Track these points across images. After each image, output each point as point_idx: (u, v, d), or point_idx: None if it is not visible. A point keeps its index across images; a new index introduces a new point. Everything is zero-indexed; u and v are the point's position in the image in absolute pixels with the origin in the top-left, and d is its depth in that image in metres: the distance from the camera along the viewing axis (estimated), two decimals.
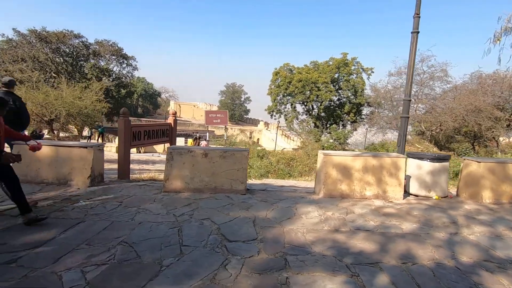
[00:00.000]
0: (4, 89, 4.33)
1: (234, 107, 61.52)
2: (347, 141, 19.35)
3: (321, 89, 19.99)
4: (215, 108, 67.77)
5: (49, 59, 24.58)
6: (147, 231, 2.90)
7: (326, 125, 22.73)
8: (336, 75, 20.81)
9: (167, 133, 6.38)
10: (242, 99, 65.37)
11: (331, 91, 20.06)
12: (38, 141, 3.64)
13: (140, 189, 4.57)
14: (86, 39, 26.80)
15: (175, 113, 6.54)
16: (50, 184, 4.47)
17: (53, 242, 2.57)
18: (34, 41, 23.82)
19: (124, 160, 5.31)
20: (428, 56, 17.69)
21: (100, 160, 4.83)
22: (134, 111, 49.21)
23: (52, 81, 20.52)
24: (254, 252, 2.54)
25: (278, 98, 23.09)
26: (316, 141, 19.79)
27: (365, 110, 22.80)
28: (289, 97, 24.35)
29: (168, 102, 68.69)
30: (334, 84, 21.09)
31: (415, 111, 18.23)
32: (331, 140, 19.16)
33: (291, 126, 22.96)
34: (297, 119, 23.93)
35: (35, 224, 2.86)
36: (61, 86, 10.83)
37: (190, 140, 24.71)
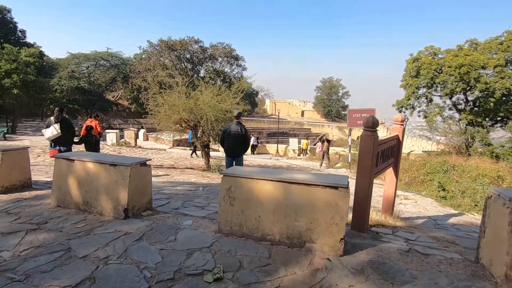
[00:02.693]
0: (235, 120, 5.73)
1: (330, 103, 57.71)
2: None
3: (493, 75, 14.87)
4: (309, 106, 65.08)
5: (174, 65, 26.67)
6: None
7: (487, 123, 17.17)
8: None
9: (393, 151, 4.18)
10: (340, 94, 60.71)
11: (508, 77, 14.66)
12: None
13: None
14: (203, 43, 28.10)
15: (403, 120, 4.27)
16: (278, 244, 2.79)
17: None
18: (163, 50, 26.17)
19: (365, 200, 3.29)
20: None
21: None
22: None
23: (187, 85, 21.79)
24: None
25: (420, 91, 18.74)
26: (485, 144, 14.87)
27: None
28: (425, 89, 19.61)
29: (264, 101, 69.67)
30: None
31: None
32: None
33: (434, 125, 18.26)
34: (441, 115, 18.99)
35: None
36: (200, 89, 10.06)
37: (304, 142, 22.76)
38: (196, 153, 14.81)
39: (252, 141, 22.57)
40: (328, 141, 14.79)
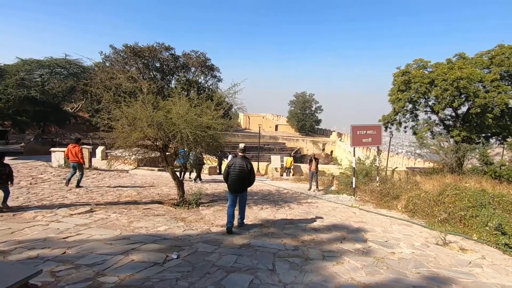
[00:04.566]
0: (240, 154, 5.69)
1: (304, 117, 57.66)
2: None
3: (491, 90, 14.08)
4: (283, 120, 64.51)
5: (141, 74, 23.79)
6: None
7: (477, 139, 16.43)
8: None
9: None
10: (313, 109, 60.90)
11: (505, 92, 13.95)
12: None
13: None
14: (174, 51, 25.61)
15: None
16: None
17: None
18: (128, 56, 23.25)
19: None
20: None
21: None
22: None
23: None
24: None
25: (410, 105, 17.72)
26: (485, 163, 13.82)
27: None
28: (414, 104, 18.74)
29: (237, 114, 68.01)
30: (509, 81, 14.88)
31: None
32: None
33: (424, 142, 17.20)
34: (432, 131, 18.07)
35: None
36: (173, 99, 7.70)
37: (288, 160, 20.79)
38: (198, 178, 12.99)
39: (229, 159, 20.22)
40: (317, 160, 12.93)
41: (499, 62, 14.74)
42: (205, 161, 14.73)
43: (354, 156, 9.98)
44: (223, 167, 20.69)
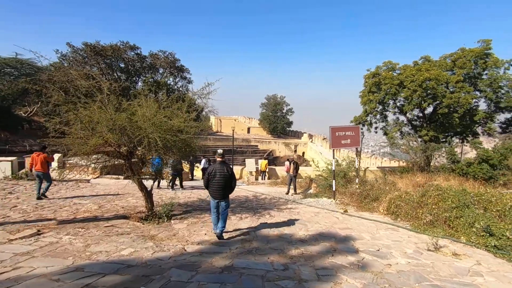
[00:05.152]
0: (219, 159, 5.56)
1: (276, 119, 58.08)
2: None
3: (456, 91, 14.67)
4: (255, 122, 64.46)
5: (103, 75, 22.04)
6: None
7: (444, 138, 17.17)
8: (475, 71, 15.37)
9: None
10: (284, 111, 61.56)
11: (468, 92, 14.63)
12: None
13: None
14: (141, 50, 24.07)
15: None
16: None
17: None
18: (88, 56, 21.41)
19: None
20: None
21: None
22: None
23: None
24: None
25: (380, 106, 18.06)
26: (453, 161, 14.32)
27: (503, 117, 17.00)
28: (384, 105, 19.23)
29: (209, 117, 66.69)
30: (469, 83, 15.66)
31: None
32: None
33: (395, 142, 17.64)
34: (401, 131, 18.61)
35: None
36: (139, 100, 6.86)
37: (263, 163, 20.30)
38: (173, 184, 12.35)
39: (203, 163, 19.30)
40: (296, 163, 12.57)
41: (461, 65, 15.50)
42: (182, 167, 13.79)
43: (333, 158, 9.69)
44: (197, 172, 19.71)
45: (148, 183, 7.26)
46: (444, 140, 16.84)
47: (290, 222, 6.94)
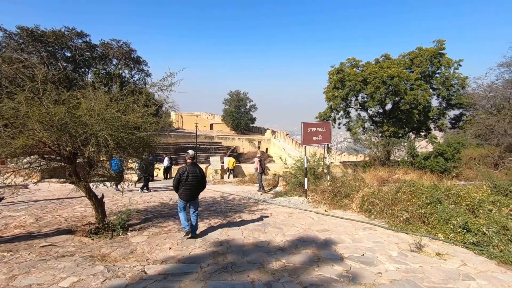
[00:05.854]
0: (189, 161, 5.42)
1: (239, 115, 57.56)
2: None
3: (415, 88, 15.32)
4: (218, 119, 63.25)
5: (44, 64, 19.34)
6: None
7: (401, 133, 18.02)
8: (430, 70, 16.22)
9: None
10: (248, 107, 61.25)
11: (425, 90, 15.39)
12: None
13: None
14: (90, 38, 21.62)
15: None
16: None
17: None
18: (25, 42, 18.59)
19: None
20: None
21: None
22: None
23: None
24: None
25: (344, 103, 18.30)
26: (412, 156, 14.95)
27: (452, 114, 18.30)
28: (348, 102, 19.63)
29: (169, 113, 63.83)
30: (425, 81, 16.48)
31: None
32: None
33: (358, 137, 18.09)
34: (364, 127, 19.14)
35: None
36: (87, 92, 5.78)
37: (230, 160, 19.57)
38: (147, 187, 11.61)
39: (165, 162, 17.99)
40: (261, 160, 12.19)
41: (418, 63, 16.28)
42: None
43: (305, 155, 9.34)
44: (159, 172, 18.31)
45: (99, 188, 6.15)
46: (401, 135, 17.66)
47: (264, 226, 6.38)
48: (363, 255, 4.71)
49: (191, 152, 5.47)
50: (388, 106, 19.21)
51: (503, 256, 4.57)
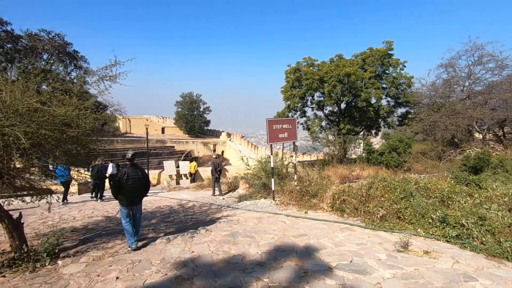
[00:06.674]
0: (130, 163, 4.95)
1: (192, 118, 55.73)
2: None
3: (368, 87, 15.80)
4: (170, 122, 60.37)
5: None
6: None
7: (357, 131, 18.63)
8: (380, 69, 16.93)
9: None
10: (201, 109, 59.52)
11: (378, 88, 16.00)
12: None
13: None
14: (12, 26, 18.36)
15: None
16: None
17: None
18: None
19: None
20: None
21: None
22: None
23: None
24: None
25: (301, 102, 18.22)
26: (368, 152, 15.38)
27: (399, 111, 19.47)
28: (304, 101, 19.73)
29: (115, 117, 58.94)
30: (377, 80, 17.17)
31: None
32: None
33: (317, 136, 18.20)
34: (322, 127, 19.35)
35: None
36: None
37: (192, 164, 18.20)
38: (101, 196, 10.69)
39: (110, 169, 15.92)
40: (216, 163, 11.68)
41: (370, 63, 16.94)
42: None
43: (271, 154, 8.71)
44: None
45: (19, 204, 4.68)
46: (355, 133, 18.24)
47: (234, 236, 5.52)
48: (351, 261, 4.16)
49: (130, 153, 4.95)
50: (343, 105, 19.75)
51: (488, 249, 4.40)
